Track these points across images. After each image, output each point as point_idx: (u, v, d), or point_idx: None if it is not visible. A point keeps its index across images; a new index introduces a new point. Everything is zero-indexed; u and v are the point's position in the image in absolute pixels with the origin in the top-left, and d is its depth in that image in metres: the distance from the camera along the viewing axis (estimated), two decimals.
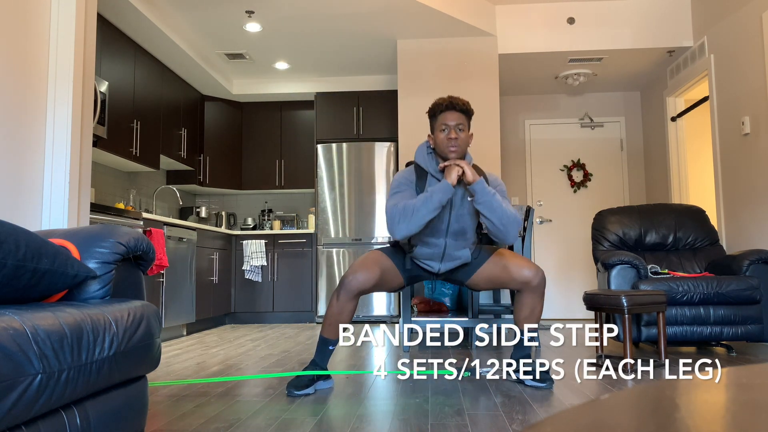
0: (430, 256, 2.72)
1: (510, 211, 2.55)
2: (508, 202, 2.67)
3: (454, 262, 2.74)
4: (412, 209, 2.51)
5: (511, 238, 2.57)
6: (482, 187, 2.52)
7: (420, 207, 2.50)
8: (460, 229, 2.66)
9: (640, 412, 0.53)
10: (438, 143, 2.63)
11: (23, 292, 1.37)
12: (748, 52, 4.34)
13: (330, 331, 2.66)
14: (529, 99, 6.60)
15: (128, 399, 1.55)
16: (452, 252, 2.70)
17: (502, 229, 2.53)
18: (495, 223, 2.52)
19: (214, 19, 4.90)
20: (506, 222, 2.52)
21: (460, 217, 2.64)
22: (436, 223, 2.63)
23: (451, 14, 4.93)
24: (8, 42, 2.45)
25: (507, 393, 2.54)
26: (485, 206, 2.51)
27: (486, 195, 2.51)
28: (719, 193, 4.82)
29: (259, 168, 6.59)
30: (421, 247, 2.70)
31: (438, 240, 2.67)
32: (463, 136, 2.62)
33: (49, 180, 2.65)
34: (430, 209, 2.49)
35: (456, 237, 2.67)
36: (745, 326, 3.52)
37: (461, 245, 2.70)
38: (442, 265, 2.74)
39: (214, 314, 5.53)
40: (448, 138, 2.59)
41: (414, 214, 2.50)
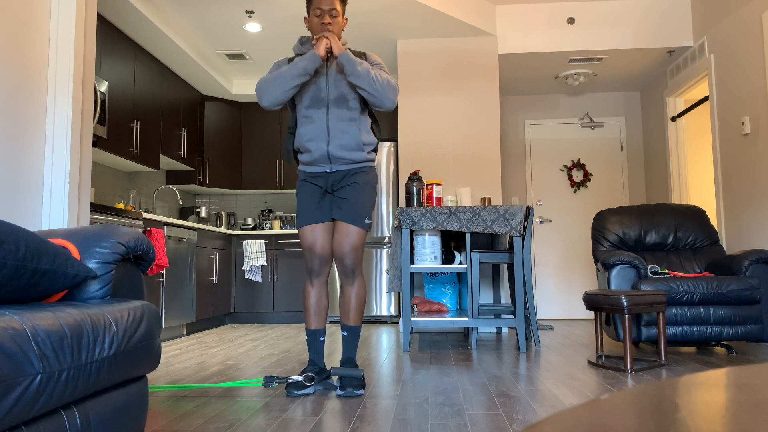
0: (315, 134, 2.65)
1: (383, 76, 2.60)
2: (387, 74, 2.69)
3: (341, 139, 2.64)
4: (278, 74, 2.59)
5: (387, 102, 2.60)
6: (347, 57, 2.57)
7: (285, 72, 2.58)
8: (341, 95, 2.66)
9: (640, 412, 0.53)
10: (312, 27, 2.69)
11: (23, 292, 1.37)
12: (748, 52, 4.35)
13: (316, 321, 2.70)
14: (529, 99, 6.60)
15: (128, 399, 1.55)
16: (337, 123, 2.64)
17: (377, 95, 2.58)
18: (367, 90, 2.57)
19: (214, 19, 4.90)
20: (378, 87, 2.57)
21: (339, 83, 2.67)
22: (314, 92, 2.67)
23: (451, 14, 4.93)
24: (8, 42, 2.46)
25: (507, 393, 2.54)
26: (354, 76, 2.56)
27: (351, 64, 2.56)
28: (719, 193, 4.82)
29: (259, 168, 6.59)
30: (306, 124, 2.67)
31: (320, 110, 2.66)
32: (337, 20, 2.68)
33: (49, 180, 2.65)
34: (294, 74, 2.56)
35: (338, 104, 2.66)
36: (745, 326, 3.52)
37: (345, 116, 2.66)
38: (330, 146, 2.64)
39: (214, 314, 5.53)
40: (322, 23, 2.65)
41: (278, 77, 2.58)
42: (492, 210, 3.89)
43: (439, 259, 4.13)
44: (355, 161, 2.70)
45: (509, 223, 3.87)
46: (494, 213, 3.89)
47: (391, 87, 2.61)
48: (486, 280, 5.23)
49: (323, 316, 2.72)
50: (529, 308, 4.03)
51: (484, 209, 3.90)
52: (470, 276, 3.89)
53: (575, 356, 3.59)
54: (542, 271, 6.41)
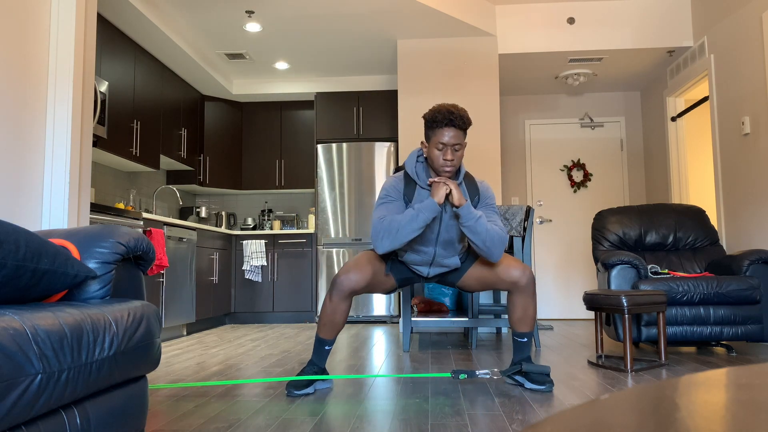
0: (419, 262, 2.74)
1: (495, 231, 2.54)
2: (496, 215, 2.67)
3: (443, 268, 2.76)
4: (397, 226, 2.49)
5: (495, 257, 2.57)
6: (467, 212, 2.51)
7: (405, 225, 2.48)
8: (449, 239, 2.67)
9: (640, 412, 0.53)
10: (432, 159, 2.56)
11: (23, 292, 1.37)
12: (748, 52, 4.35)
13: (325, 332, 2.67)
14: (529, 99, 6.60)
15: (128, 399, 1.55)
16: (441, 260, 2.72)
17: (486, 251, 2.55)
18: (479, 245, 2.54)
19: (214, 19, 4.90)
20: (490, 244, 2.53)
21: (450, 228, 2.64)
22: (425, 233, 2.64)
23: (451, 14, 4.93)
24: (8, 42, 2.45)
25: (507, 393, 2.54)
26: (469, 230, 2.52)
27: (470, 219, 2.50)
28: (719, 193, 4.82)
29: (259, 168, 6.59)
30: (410, 254, 2.72)
31: (427, 248, 2.68)
32: (459, 154, 2.55)
33: (49, 180, 2.65)
34: (414, 228, 2.48)
35: (445, 246, 2.68)
36: (745, 326, 3.52)
37: (450, 253, 2.72)
38: (431, 270, 2.76)
39: (214, 314, 5.54)
40: (444, 158, 2.52)
41: (399, 231, 2.49)
42: None
43: None
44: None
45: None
46: None
47: (501, 241, 2.56)
48: None
49: (334, 330, 2.67)
50: None
51: None
52: None
53: (575, 356, 3.59)
54: (542, 271, 6.41)
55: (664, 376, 2.94)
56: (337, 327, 2.65)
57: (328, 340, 2.69)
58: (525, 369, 2.63)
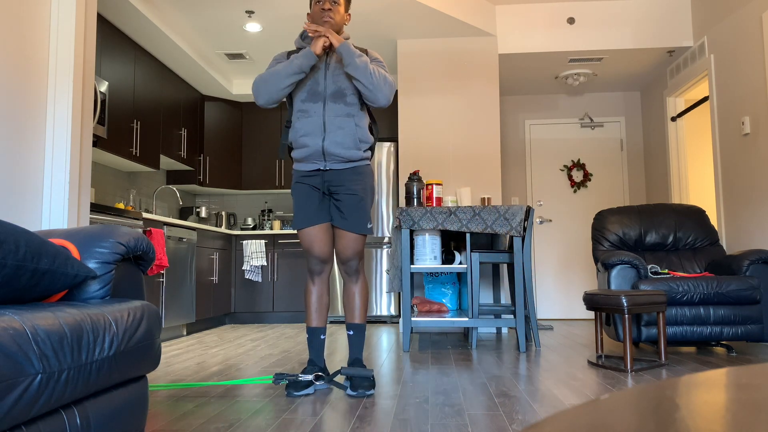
0: (310, 129, 2.60)
1: (380, 72, 2.57)
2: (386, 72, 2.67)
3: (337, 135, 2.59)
4: (273, 72, 2.56)
5: (381, 98, 2.57)
6: (347, 49, 2.54)
7: (280, 70, 2.55)
8: (338, 90, 2.63)
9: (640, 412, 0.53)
10: (313, 17, 2.66)
11: (23, 292, 1.37)
12: (748, 52, 4.35)
13: (316, 318, 2.69)
14: (529, 99, 6.60)
15: (128, 399, 1.55)
16: (333, 119, 2.60)
17: (372, 89, 2.55)
18: (364, 82, 2.54)
19: (214, 19, 4.90)
20: (375, 81, 2.54)
21: (337, 77, 2.64)
22: (312, 86, 2.63)
23: (451, 14, 4.93)
24: (8, 42, 2.45)
25: (507, 393, 2.54)
26: (351, 67, 2.53)
27: (350, 56, 2.53)
28: (719, 193, 4.82)
29: (259, 168, 6.59)
30: (302, 118, 2.62)
31: (316, 105, 2.62)
32: (337, 9, 2.64)
33: (49, 180, 2.65)
34: (289, 72, 2.53)
35: (335, 98, 2.62)
36: (745, 326, 3.52)
37: (342, 111, 2.61)
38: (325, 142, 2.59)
39: (214, 314, 5.53)
40: (322, 9, 2.62)
41: (273, 75, 2.55)
42: (492, 210, 3.89)
43: (439, 259, 4.13)
44: (350, 159, 2.64)
45: (509, 223, 3.87)
46: (494, 213, 3.89)
47: (388, 83, 2.59)
48: (486, 280, 5.23)
49: (324, 313, 2.72)
50: (529, 308, 4.03)
51: (484, 209, 3.90)
52: (470, 276, 3.89)
53: (575, 356, 3.59)
54: (542, 271, 6.41)
55: (664, 376, 2.94)
56: (325, 309, 2.73)
57: (322, 327, 2.70)
58: (344, 373, 2.57)
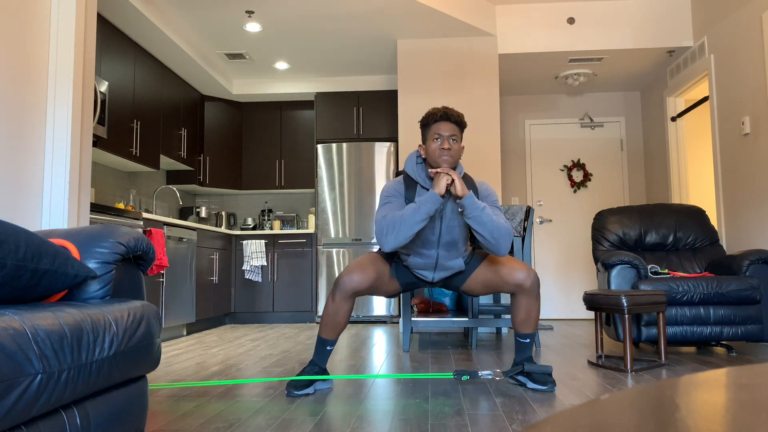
0: (422, 266, 2.73)
1: (501, 223, 2.51)
2: (500, 211, 2.66)
3: (447, 271, 2.75)
4: (400, 220, 2.48)
5: (503, 251, 2.54)
6: (471, 202, 2.48)
7: (408, 218, 2.47)
8: (452, 240, 2.66)
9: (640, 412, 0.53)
10: (430, 153, 2.60)
11: (23, 292, 1.37)
12: (748, 52, 4.35)
13: (327, 332, 2.67)
14: (529, 99, 6.60)
15: (128, 399, 1.55)
16: (444, 262, 2.71)
17: (494, 243, 2.51)
18: (486, 237, 2.50)
19: (214, 19, 4.90)
20: (497, 236, 2.49)
21: (452, 229, 2.63)
22: (427, 235, 2.63)
23: (451, 14, 4.93)
24: (8, 42, 2.46)
25: (507, 393, 2.54)
26: (475, 221, 2.48)
27: (475, 209, 2.47)
28: (719, 193, 4.81)
29: (259, 168, 6.59)
30: (413, 257, 2.71)
31: (430, 251, 2.67)
32: (456, 147, 2.59)
33: (49, 180, 2.65)
34: (417, 220, 2.46)
35: (448, 248, 2.67)
36: (745, 326, 3.52)
37: (453, 255, 2.71)
38: (435, 274, 2.75)
39: (214, 314, 5.54)
40: (441, 148, 2.55)
41: (402, 225, 2.47)
42: None
43: None
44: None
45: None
46: None
47: (508, 234, 2.53)
48: None
49: (336, 330, 2.65)
50: None
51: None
52: None
53: (575, 356, 3.59)
54: (542, 271, 6.41)
55: (664, 376, 2.94)
56: (339, 327, 2.64)
57: (330, 340, 2.68)
58: (527, 369, 2.62)
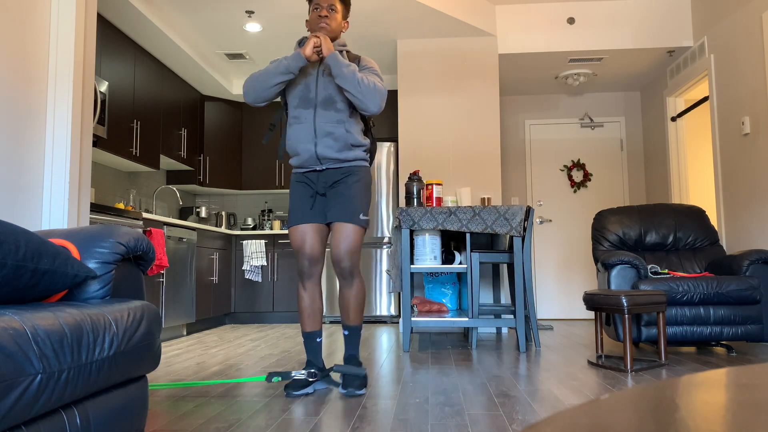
0: (302, 135, 2.65)
1: (369, 80, 2.58)
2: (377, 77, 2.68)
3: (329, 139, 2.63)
4: (263, 72, 2.62)
5: (372, 106, 2.59)
6: (334, 59, 2.57)
7: (270, 70, 2.60)
8: (328, 97, 2.66)
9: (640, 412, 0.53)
10: (310, 23, 2.70)
11: (23, 292, 1.37)
12: (748, 52, 4.35)
13: (310, 324, 2.69)
14: (529, 99, 6.60)
15: (128, 399, 1.55)
16: (324, 125, 2.63)
17: (360, 98, 2.57)
18: (351, 92, 2.56)
19: (214, 19, 4.90)
20: (364, 90, 2.56)
21: (327, 84, 2.67)
22: (303, 92, 2.68)
23: (451, 14, 4.93)
24: (8, 42, 2.45)
25: (507, 393, 2.54)
26: (340, 78, 2.56)
27: (338, 66, 2.56)
28: (719, 193, 4.81)
29: (259, 168, 6.59)
30: (294, 125, 2.68)
31: (307, 111, 2.66)
32: (335, 16, 2.69)
33: (49, 180, 2.65)
34: (277, 72, 2.58)
35: (326, 105, 2.65)
36: (745, 326, 3.52)
37: (333, 118, 2.65)
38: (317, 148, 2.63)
39: (214, 314, 5.53)
40: (319, 16, 2.66)
41: (262, 75, 2.61)
42: (492, 210, 3.89)
43: (439, 259, 4.13)
44: (344, 160, 2.68)
45: (509, 223, 3.87)
46: (494, 213, 3.89)
47: (377, 91, 2.59)
48: (486, 280, 5.23)
49: (318, 318, 2.70)
50: (529, 308, 4.03)
51: (484, 209, 3.90)
52: (470, 276, 3.89)
53: (575, 356, 3.59)
54: (542, 271, 6.41)
55: (664, 376, 2.94)
56: (319, 313, 2.71)
57: (317, 331, 2.71)
58: (336, 370, 2.57)
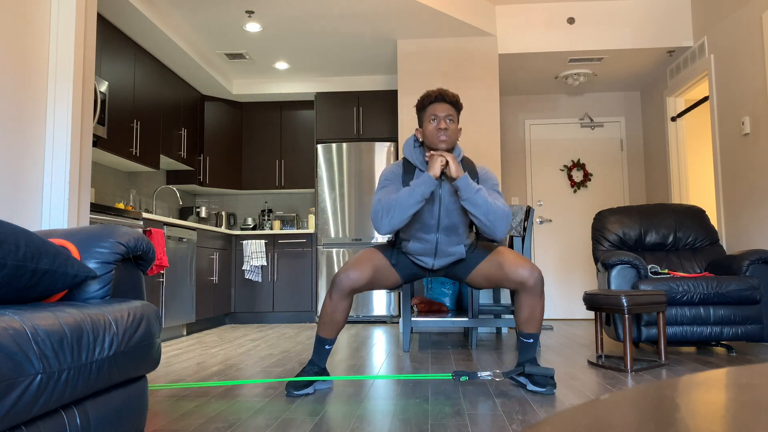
0: (422, 252, 2.70)
1: (497, 206, 2.51)
2: (500, 195, 2.65)
3: (448, 258, 2.71)
4: (395, 203, 2.49)
5: (499, 233, 2.53)
6: (466, 183, 2.48)
7: (402, 200, 2.48)
8: (451, 225, 2.63)
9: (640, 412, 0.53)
10: (427, 135, 2.60)
11: (23, 292, 1.37)
12: (748, 52, 4.35)
13: (326, 331, 2.66)
14: (529, 99, 6.60)
15: (128, 399, 1.55)
16: (445, 248, 2.67)
17: (489, 225, 2.50)
18: (480, 218, 2.49)
19: (214, 19, 4.90)
20: (493, 218, 2.49)
21: (451, 213, 2.62)
22: (426, 219, 2.61)
23: (451, 14, 4.93)
24: (8, 42, 2.45)
25: (507, 393, 2.54)
26: (469, 202, 2.48)
27: (469, 191, 2.47)
28: (719, 193, 4.81)
29: (259, 168, 6.59)
30: (413, 242, 2.68)
31: (429, 236, 2.65)
32: (453, 127, 2.59)
33: (49, 180, 2.65)
34: (412, 203, 2.47)
35: (448, 233, 2.64)
36: (745, 326, 3.52)
37: (454, 241, 2.67)
38: (435, 261, 2.71)
39: (214, 314, 5.53)
40: (438, 128, 2.56)
41: (396, 207, 2.48)
42: None
43: None
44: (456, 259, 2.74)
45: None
46: None
47: (505, 217, 2.52)
48: None
49: (335, 329, 2.65)
50: None
51: None
52: None
53: (575, 356, 3.59)
54: (542, 271, 6.41)
55: (664, 376, 2.94)
56: (337, 326, 2.64)
57: (329, 339, 2.68)
58: (528, 371, 2.59)
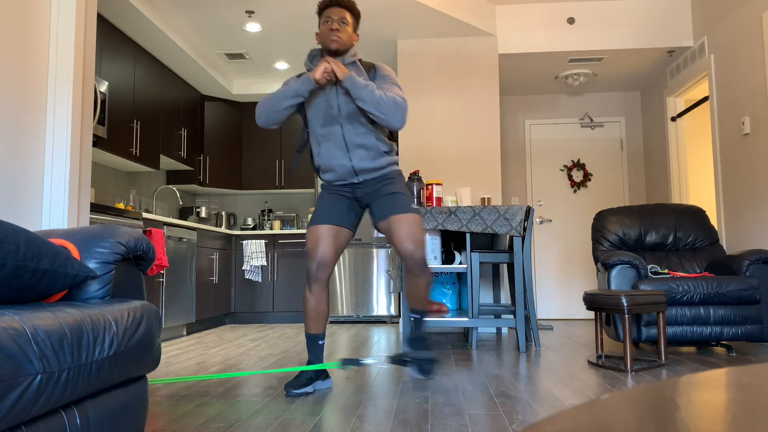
0: (336, 151, 2.66)
1: (389, 97, 2.55)
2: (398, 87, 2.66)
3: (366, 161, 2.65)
4: (274, 95, 2.61)
5: (395, 123, 2.56)
6: (351, 82, 2.54)
7: (279, 93, 2.59)
8: (353, 111, 2.63)
9: (640, 412, 0.53)
10: (321, 36, 2.67)
11: (23, 292, 1.37)
12: (748, 52, 4.35)
13: (314, 326, 2.69)
14: (529, 99, 6.60)
15: (128, 399, 1.55)
16: (353, 138, 2.64)
17: (383, 117, 2.55)
18: (374, 112, 2.55)
19: (214, 19, 4.90)
20: (386, 110, 2.54)
21: (349, 101, 2.64)
22: (326, 110, 2.65)
23: (451, 14, 4.93)
24: (8, 42, 2.45)
25: (507, 393, 2.54)
26: (359, 100, 2.54)
27: (356, 89, 2.53)
28: (719, 193, 4.81)
29: (259, 168, 6.59)
30: (324, 143, 2.68)
31: (334, 127, 2.65)
32: (346, 29, 2.65)
33: (49, 180, 2.65)
34: (286, 95, 2.57)
35: (351, 120, 2.64)
36: (745, 326, 3.52)
37: (360, 130, 2.64)
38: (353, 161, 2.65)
39: (214, 314, 5.53)
40: (330, 29, 2.62)
41: (273, 99, 2.59)
42: (492, 210, 3.89)
43: (439, 259, 4.13)
44: (380, 168, 2.69)
45: (509, 223, 3.87)
46: (494, 213, 3.89)
47: (398, 107, 2.56)
48: (486, 280, 5.23)
49: (322, 321, 2.69)
50: (529, 308, 4.03)
51: (484, 209, 3.90)
52: (470, 276, 3.89)
53: (575, 356, 3.59)
54: (542, 271, 6.41)
55: (664, 376, 2.94)
56: (324, 317, 2.69)
57: (320, 334, 2.71)
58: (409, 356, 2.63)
